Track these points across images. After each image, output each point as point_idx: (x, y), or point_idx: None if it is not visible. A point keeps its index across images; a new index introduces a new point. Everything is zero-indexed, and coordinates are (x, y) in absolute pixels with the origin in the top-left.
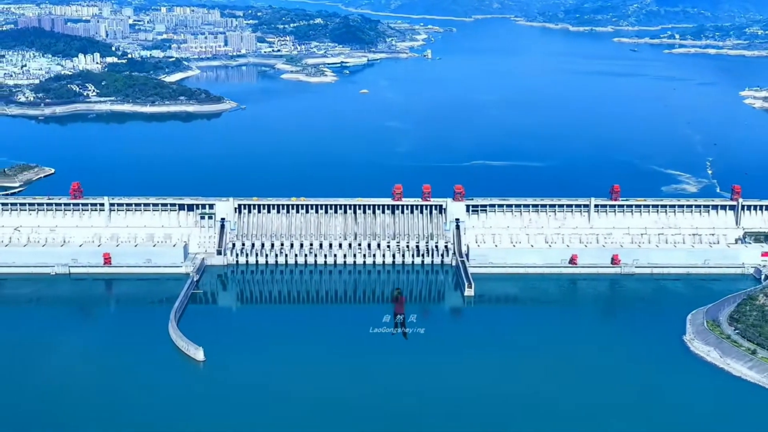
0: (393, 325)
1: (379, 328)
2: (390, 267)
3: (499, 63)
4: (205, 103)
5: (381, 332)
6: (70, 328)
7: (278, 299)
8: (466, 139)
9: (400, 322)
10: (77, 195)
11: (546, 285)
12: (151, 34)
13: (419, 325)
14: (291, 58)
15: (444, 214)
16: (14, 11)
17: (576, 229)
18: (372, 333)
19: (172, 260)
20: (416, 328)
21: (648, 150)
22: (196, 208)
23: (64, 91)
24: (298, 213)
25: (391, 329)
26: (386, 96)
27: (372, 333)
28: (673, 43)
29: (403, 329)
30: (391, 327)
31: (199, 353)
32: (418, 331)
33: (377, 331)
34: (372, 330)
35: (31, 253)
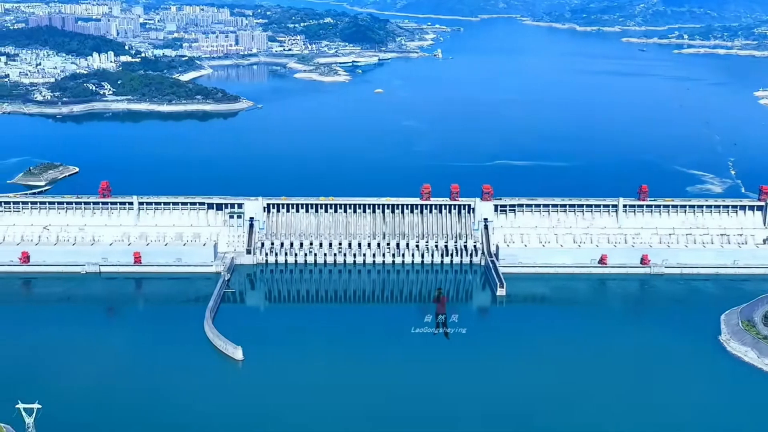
0: (435, 325)
1: (420, 328)
2: (419, 267)
3: (510, 63)
4: (222, 102)
5: (423, 332)
6: (105, 327)
7: (310, 298)
8: (485, 138)
9: (441, 322)
10: (106, 194)
11: (577, 285)
12: (162, 33)
13: (461, 325)
14: (302, 58)
15: (472, 214)
16: (24, 10)
17: (604, 229)
18: (414, 333)
19: (202, 259)
20: (458, 327)
21: (669, 150)
22: (224, 207)
23: (81, 89)
24: (326, 212)
25: (433, 329)
26: (401, 95)
27: (414, 333)
28: (681, 44)
29: (444, 329)
30: (433, 327)
31: (237, 352)
32: (460, 331)
33: (419, 331)
34: (414, 330)
35: (61, 251)
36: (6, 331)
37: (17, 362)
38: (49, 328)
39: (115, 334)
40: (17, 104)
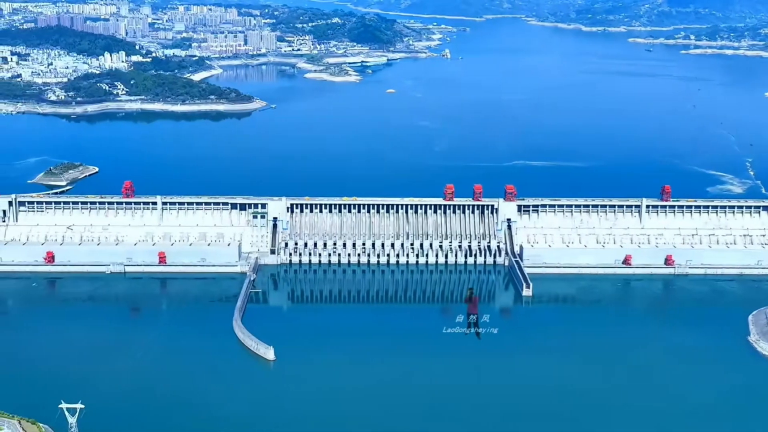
0: (466, 325)
1: (452, 327)
2: (442, 267)
3: (519, 63)
4: (235, 102)
5: (454, 332)
6: (135, 327)
7: (336, 299)
8: (501, 139)
9: (473, 322)
10: (129, 194)
11: (602, 285)
12: (171, 33)
13: (492, 325)
14: (312, 58)
15: (495, 215)
16: (32, 9)
17: (627, 229)
18: (446, 333)
19: (226, 259)
20: (489, 328)
21: (686, 151)
22: (248, 208)
23: (95, 89)
24: (350, 213)
25: (464, 329)
26: (413, 96)
27: (446, 333)
28: (688, 44)
29: (476, 329)
30: (464, 327)
31: (269, 352)
32: (492, 331)
33: (450, 331)
34: (445, 330)
35: (86, 251)
36: (37, 330)
37: (51, 362)
38: (80, 328)
39: (145, 334)
40: (31, 104)
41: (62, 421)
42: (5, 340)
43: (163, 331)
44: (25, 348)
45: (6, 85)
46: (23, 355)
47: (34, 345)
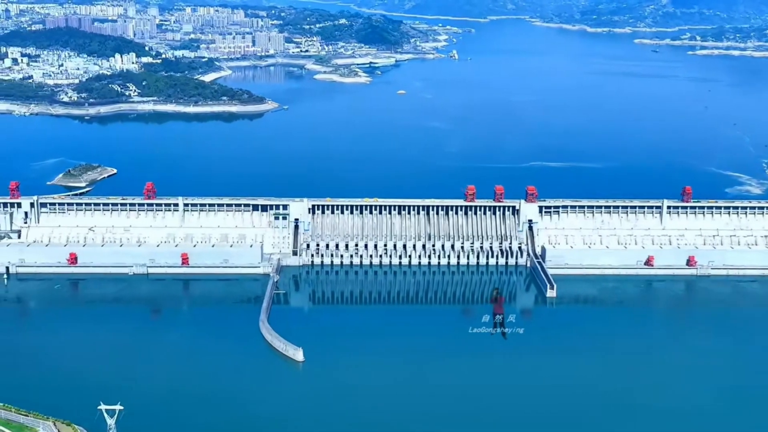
0: (492, 325)
1: (477, 328)
2: (464, 268)
3: (526, 63)
4: (248, 103)
5: (480, 332)
6: (161, 328)
7: (358, 300)
8: (514, 140)
9: (499, 323)
10: (151, 195)
11: (625, 286)
12: (179, 34)
13: (518, 325)
14: (320, 59)
15: (517, 216)
16: (39, 11)
17: (648, 230)
18: (471, 333)
19: (249, 260)
20: (515, 328)
21: (702, 152)
22: (269, 209)
23: (107, 90)
24: (371, 214)
25: (490, 329)
26: (424, 97)
27: (471, 333)
28: (694, 45)
29: (502, 329)
30: (490, 327)
31: (298, 354)
32: (518, 331)
33: (476, 331)
34: (471, 330)
35: (109, 252)
36: (64, 332)
37: (81, 364)
38: (107, 330)
39: (172, 336)
40: (44, 105)
41: (98, 423)
42: (33, 342)
43: (191, 332)
44: (54, 349)
45: (18, 86)
46: (52, 356)
47: (62, 346)
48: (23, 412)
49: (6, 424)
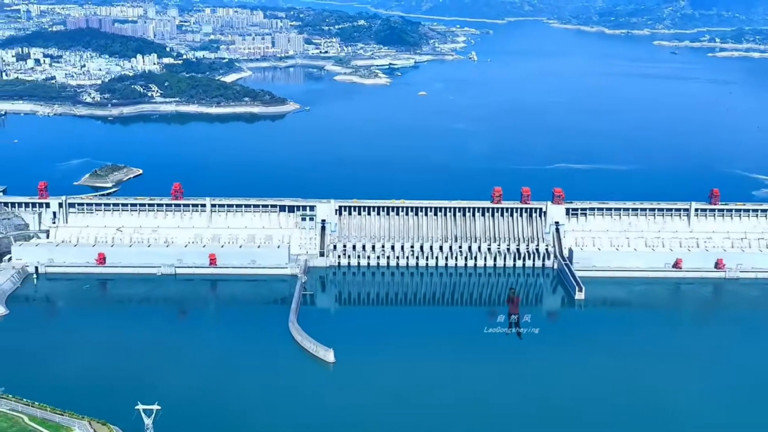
0: (507, 325)
1: (493, 327)
2: (491, 270)
3: (546, 65)
4: (270, 104)
5: (495, 332)
6: (191, 328)
7: (384, 301)
8: (538, 141)
9: (514, 322)
10: (178, 196)
11: (653, 289)
12: (199, 35)
13: (533, 326)
14: (339, 60)
15: (544, 217)
16: (59, 11)
17: (676, 233)
18: (487, 333)
19: (276, 261)
20: (530, 328)
21: (727, 154)
22: (296, 210)
23: (129, 91)
24: (398, 215)
25: (506, 329)
26: (445, 98)
27: (487, 333)
28: (713, 47)
29: (517, 329)
30: (506, 327)
31: (329, 355)
32: (533, 331)
33: (492, 331)
34: (486, 330)
35: (137, 253)
36: (96, 332)
37: (114, 364)
38: (138, 330)
39: (203, 336)
40: (67, 106)
41: (134, 422)
42: (65, 341)
43: (221, 333)
44: (86, 349)
45: (41, 87)
46: (85, 356)
47: (94, 346)
48: (58, 411)
49: (42, 423)
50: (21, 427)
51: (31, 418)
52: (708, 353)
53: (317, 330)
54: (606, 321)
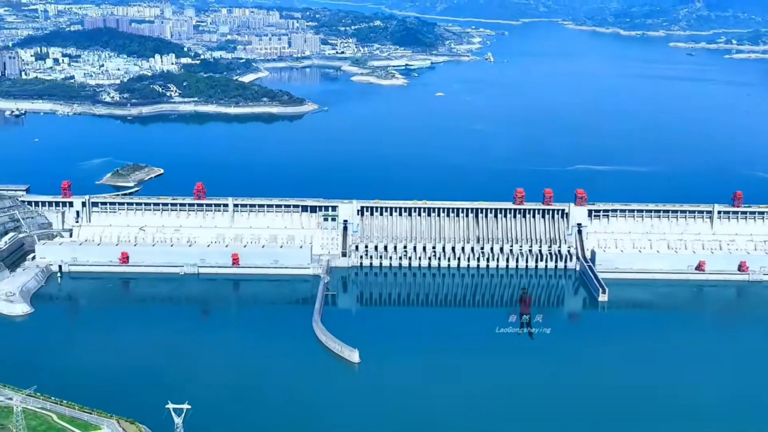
0: (519, 325)
1: (504, 328)
2: (513, 271)
3: (562, 66)
4: (288, 104)
5: (507, 332)
6: (216, 328)
7: (405, 301)
8: (558, 142)
9: (525, 322)
10: (201, 195)
11: (677, 291)
12: (215, 35)
13: (545, 326)
14: (356, 60)
15: (566, 219)
16: (76, 11)
17: (698, 235)
18: (498, 333)
19: (298, 261)
20: (542, 328)
21: (748, 156)
22: (318, 210)
23: (148, 91)
24: (419, 216)
25: (517, 329)
26: (463, 99)
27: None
28: (730, 48)
29: (528, 329)
30: (517, 327)
31: (354, 355)
32: (544, 331)
33: (503, 330)
34: (498, 330)
35: (160, 252)
36: (122, 331)
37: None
38: (163, 329)
39: (228, 335)
40: (86, 105)
41: (164, 421)
42: (90, 340)
43: (246, 332)
44: (112, 348)
45: (60, 86)
46: (111, 355)
47: (119, 345)
48: (86, 409)
49: (70, 421)
50: (50, 425)
51: (60, 417)
52: (733, 356)
53: (340, 330)
54: (630, 323)
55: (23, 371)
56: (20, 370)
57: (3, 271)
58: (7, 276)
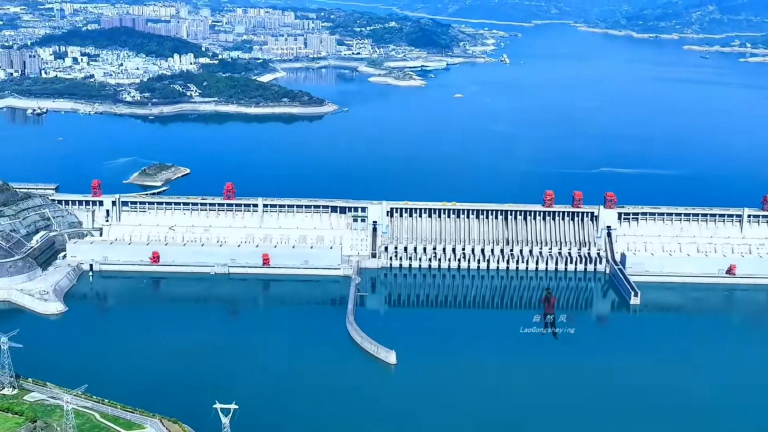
0: (543, 325)
1: (529, 327)
2: (542, 273)
3: (577, 68)
4: (308, 105)
5: (531, 332)
6: (250, 328)
7: (434, 302)
8: (580, 145)
9: (549, 322)
10: (230, 195)
11: (708, 294)
12: (231, 35)
13: (569, 326)
14: (372, 61)
15: (595, 222)
16: (91, 10)
17: (728, 238)
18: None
19: (329, 262)
20: (566, 328)
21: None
22: (348, 211)
23: (169, 91)
24: (449, 218)
25: (541, 329)
26: (481, 100)
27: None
28: (744, 52)
29: (552, 329)
30: (541, 327)
31: (391, 356)
32: (568, 331)
33: (527, 330)
34: (522, 330)
35: (190, 252)
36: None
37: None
38: (197, 328)
39: (263, 336)
40: (108, 104)
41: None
42: (126, 339)
43: (280, 333)
44: (147, 348)
45: (81, 85)
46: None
47: (154, 345)
48: (129, 408)
49: (114, 420)
50: (93, 424)
51: (103, 415)
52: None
53: (371, 331)
54: (662, 325)
55: (61, 369)
56: (58, 368)
57: (35, 269)
58: (40, 274)
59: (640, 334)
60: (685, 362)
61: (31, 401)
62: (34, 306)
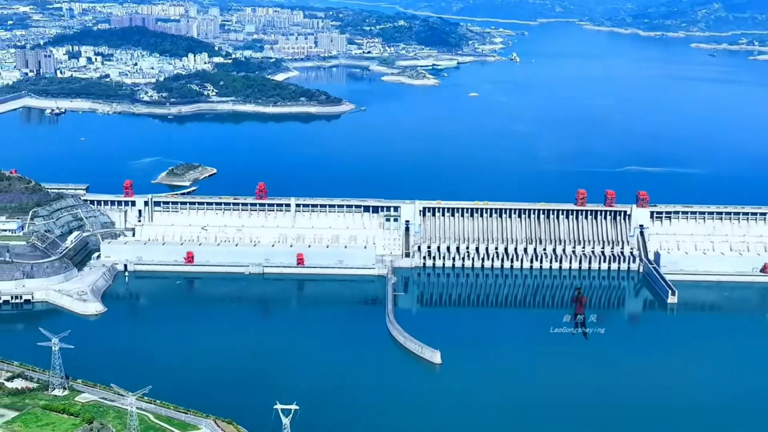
0: (573, 325)
1: (559, 327)
2: (575, 272)
3: (588, 67)
4: (325, 104)
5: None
6: (290, 328)
7: (466, 301)
8: (601, 143)
9: (580, 322)
10: (263, 195)
11: (743, 293)
12: (242, 34)
13: (599, 326)
14: (383, 60)
15: (628, 221)
16: (100, 10)
17: (761, 237)
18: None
19: (363, 262)
20: (596, 328)
21: None
22: (380, 210)
23: (186, 90)
24: (481, 217)
25: (572, 329)
26: (497, 99)
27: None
28: (752, 50)
29: (583, 329)
30: (572, 327)
31: (436, 356)
32: (598, 332)
33: (557, 330)
34: (552, 330)
35: (224, 252)
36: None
37: (224, 362)
38: (239, 328)
39: (304, 336)
40: (126, 104)
41: (264, 421)
42: (168, 339)
43: (320, 333)
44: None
45: (97, 85)
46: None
47: (197, 345)
48: (182, 409)
49: (168, 421)
50: (148, 425)
51: (157, 416)
52: None
53: (410, 330)
54: (701, 324)
55: (108, 370)
56: (104, 368)
57: (71, 269)
58: (76, 275)
59: (678, 333)
60: (725, 362)
61: (83, 402)
62: (73, 306)
